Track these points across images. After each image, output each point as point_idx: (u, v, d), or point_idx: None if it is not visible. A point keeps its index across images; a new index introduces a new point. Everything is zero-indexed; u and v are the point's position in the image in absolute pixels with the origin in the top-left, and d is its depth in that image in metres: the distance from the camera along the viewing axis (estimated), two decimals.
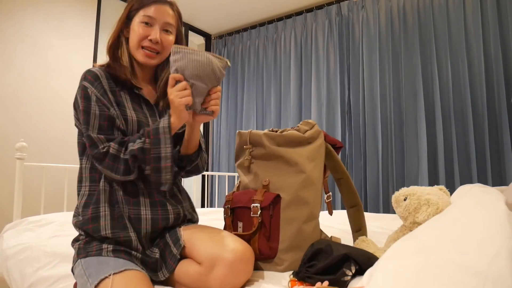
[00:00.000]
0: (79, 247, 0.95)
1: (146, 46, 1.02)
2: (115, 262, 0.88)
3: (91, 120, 0.94)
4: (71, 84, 2.80)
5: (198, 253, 0.90)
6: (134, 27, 1.03)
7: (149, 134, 0.91)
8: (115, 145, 0.92)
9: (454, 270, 0.49)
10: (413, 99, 2.69)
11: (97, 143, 0.93)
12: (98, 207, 0.95)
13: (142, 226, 0.97)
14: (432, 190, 0.97)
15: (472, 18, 2.54)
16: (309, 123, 1.09)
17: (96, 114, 0.95)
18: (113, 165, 0.92)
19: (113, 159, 0.92)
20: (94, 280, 0.83)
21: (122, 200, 0.97)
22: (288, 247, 0.98)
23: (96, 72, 0.99)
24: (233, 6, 3.45)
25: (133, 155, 0.91)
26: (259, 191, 1.00)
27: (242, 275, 0.86)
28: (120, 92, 1.02)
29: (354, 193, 1.16)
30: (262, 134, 1.05)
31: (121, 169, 0.92)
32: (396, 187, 2.66)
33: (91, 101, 0.95)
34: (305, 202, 1.00)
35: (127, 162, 0.91)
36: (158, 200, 1.00)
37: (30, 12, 2.60)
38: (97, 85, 0.97)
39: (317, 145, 1.06)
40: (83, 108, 0.95)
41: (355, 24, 3.06)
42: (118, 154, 0.92)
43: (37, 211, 2.06)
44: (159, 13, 1.02)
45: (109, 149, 0.92)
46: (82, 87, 0.97)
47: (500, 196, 0.81)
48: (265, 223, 0.98)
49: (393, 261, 0.59)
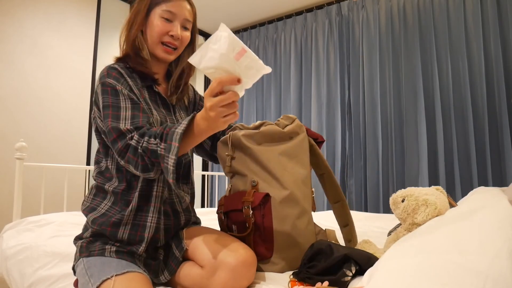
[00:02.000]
0: (81, 245, 0.94)
1: (166, 42, 0.99)
2: (117, 263, 0.87)
3: (122, 113, 0.88)
4: (71, 84, 2.80)
5: (200, 256, 0.90)
6: (155, 21, 0.98)
7: (163, 137, 0.82)
8: (136, 136, 0.84)
9: (454, 270, 0.49)
10: (413, 99, 2.69)
11: (125, 133, 0.86)
12: (117, 211, 0.94)
13: (160, 236, 0.97)
14: (429, 190, 0.97)
15: (472, 18, 2.54)
16: (290, 117, 1.07)
17: (127, 107, 0.89)
18: (132, 159, 0.84)
19: (133, 152, 0.84)
20: (96, 280, 0.83)
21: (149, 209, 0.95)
22: (284, 246, 0.98)
23: (119, 69, 0.95)
24: (233, 6, 3.45)
25: (145, 152, 0.83)
26: (249, 192, 1.00)
27: (244, 280, 0.85)
28: (142, 89, 0.99)
29: (337, 188, 1.14)
30: (241, 135, 1.02)
31: (139, 164, 0.84)
32: (396, 187, 2.66)
33: (120, 96, 0.91)
34: (295, 199, 1.00)
35: (142, 158, 0.83)
36: (171, 209, 1.01)
37: (30, 12, 2.60)
38: (123, 82, 0.94)
39: (299, 140, 1.05)
40: (111, 103, 0.90)
41: (355, 24, 3.06)
42: (137, 146, 0.84)
43: (37, 211, 2.06)
44: (180, 9, 0.99)
45: (131, 140, 0.84)
46: (107, 84, 0.92)
47: (502, 195, 0.81)
48: (258, 224, 0.98)
49: (394, 261, 0.59)
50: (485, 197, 0.95)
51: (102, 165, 1.00)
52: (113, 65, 0.97)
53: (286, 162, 1.02)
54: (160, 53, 1.00)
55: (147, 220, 0.93)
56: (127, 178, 0.95)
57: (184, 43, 1.03)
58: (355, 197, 2.87)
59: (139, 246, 0.92)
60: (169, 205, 1.00)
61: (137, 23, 1.00)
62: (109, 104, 0.90)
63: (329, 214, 2.08)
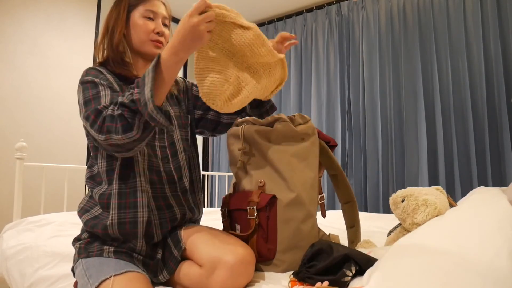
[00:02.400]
0: (80, 246, 0.95)
1: (154, 39, 1.05)
2: (116, 263, 0.88)
3: (102, 99, 0.90)
4: (71, 84, 2.80)
5: (199, 255, 0.90)
6: (138, 21, 1.04)
7: (137, 83, 0.84)
8: (109, 106, 0.86)
9: (454, 270, 0.49)
10: (413, 99, 2.69)
11: (102, 110, 0.87)
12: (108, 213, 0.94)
13: (154, 232, 0.97)
14: (429, 190, 0.97)
15: (472, 18, 2.54)
16: (304, 117, 1.06)
17: (106, 94, 0.92)
18: (111, 126, 0.83)
19: (110, 120, 0.84)
20: (95, 281, 0.83)
21: (134, 204, 0.96)
22: (287, 248, 0.98)
23: (98, 68, 1.00)
24: (233, 6, 3.45)
25: (124, 105, 0.83)
26: (255, 192, 0.99)
27: (243, 278, 0.86)
28: (124, 87, 1.03)
29: (348, 189, 1.15)
30: (254, 131, 1.01)
31: (119, 127, 0.83)
32: (396, 187, 2.66)
33: (99, 86, 0.93)
34: (301, 202, 1.00)
35: (122, 116, 0.82)
36: (164, 204, 1.01)
37: (30, 12, 2.60)
38: (102, 77, 0.97)
39: (310, 142, 1.03)
40: (92, 96, 0.91)
41: (355, 24, 3.06)
42: (113, 113, 0.84)
43: (37, 211, 2.07)
44: (158, 8, 1.06)
45: (106, 111, 0.86)
46: (85, 81, 0.95)
47: (502, 195, 0.81)
48: (262, 225, 0.97)
49: (393, 261, 0.59)
50: (485, 197, 0.95)
51: (94, 169, 1.01)
52: (92, 67, 1.02)
53: (296, 164, 1.00)
54: (151, 49, 1.05)
55: (137, 215, 0.94)
56: (115, 179, 0.96)
57: (167, 39, 1.09)
58: (355, 197, 2.87)
59: (136, 242, 0.93)
60: (161, 199, 1.00)
61: (119, 27, 1.04)
62: (89, 98, 0.92)
63: (331, 215, 2.08)
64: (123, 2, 1.06)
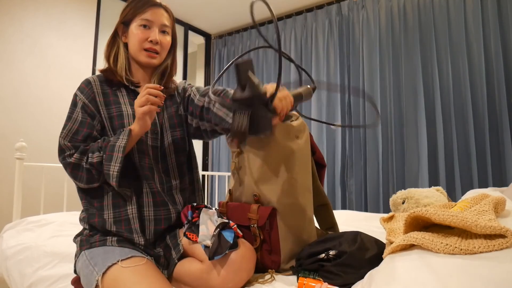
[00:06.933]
0: (81, 239, 0.97)
1: (147, 47, 1.06)
2: (120, 250, 0.90)
3: (69, 125, 0.99)
4: (71, 84, 2.80)
5: (200, 251, 0.91)
6: (133, 31, 1.06)
7: (105, 149, 0.93)
8: (77, 155, 0.95)
9: (457, 273, 0.48)
10: (413, 99, 2.69)
11: (64, 149, 0.97)
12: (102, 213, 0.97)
13: (146, 226, 0.98)
14: (429, 191, 0.96)
15: (472, 18, 2.53)
16: (294, 114, 1.06)
17: (77, 120, 0.99)
18: (76, 173, 0.95)
19: (76, 168, 0.95)
20: (101, 268, 0.84)
21: (126, 201, 0.98)
22: (290, 256, 0.98)
23: (89, 79, 1.05)
24: (233, 6, 3.45)
25: (93, 165, 0.93)
26: (253, 208, 0.97)
27: (244, 272, 0.87)
28: (116, 91, 1.06)
29: (322, 192, 1.13)
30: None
31: (84, 177, 0.95)
32: (396, 187, 2.66)
33: (77, 107, 1.01)
34: (301, 209, 0.99)
35: (89, 171, 0.94)
36: (159, 200, 1.01)
37: (30, 12, 2.60)
38: (87, 92, 1.02)
39: (303, 140, 1.02)
40: (68, 113, 1.01)
41: (355, 24, 3.05)
42: (80, 163, 0.95)
43: (36, 211, 2.06)
44: (156, 16, 1.06)
45: (71, 158, 0.95)
46: (73, 96, 1.03)
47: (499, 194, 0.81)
48: (266, 239, 0.97)
49: (394, 262, 0.59)
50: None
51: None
52: (86, 78, 1.06)
53: (291, 166, 0.99)
54: (143, 58, 1.07)
55: (127, 213, 0.96)
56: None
57: (164, 47, 1.09)
58: (355, 197, 2.87)
59: (136, 236, 0.95)
60: (157, 195, 1.01)
61: (112, 38, 1.10)
62: (68, 114, 1.01)
63: None
64: (122, 13, 1.09)
